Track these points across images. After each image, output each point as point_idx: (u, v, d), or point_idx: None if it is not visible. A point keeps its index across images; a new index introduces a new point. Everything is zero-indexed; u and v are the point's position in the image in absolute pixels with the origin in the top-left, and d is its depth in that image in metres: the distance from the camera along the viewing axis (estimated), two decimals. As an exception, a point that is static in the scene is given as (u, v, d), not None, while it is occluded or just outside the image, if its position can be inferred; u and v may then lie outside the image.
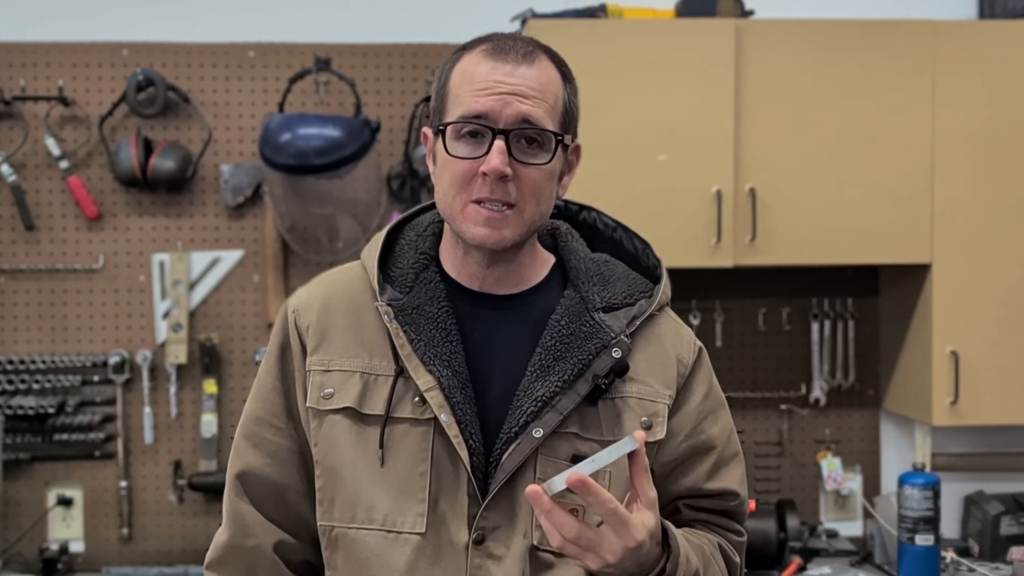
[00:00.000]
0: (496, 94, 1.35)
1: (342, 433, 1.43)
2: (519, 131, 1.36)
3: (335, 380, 1.44)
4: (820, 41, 2.89)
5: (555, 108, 1.39)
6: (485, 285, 1.46)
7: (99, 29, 3.15)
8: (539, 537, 1.39)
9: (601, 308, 1.45)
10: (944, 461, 3.24)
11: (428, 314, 1.42)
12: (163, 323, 3.16)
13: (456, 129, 1.37)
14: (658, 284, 1.51)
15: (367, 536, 1.40)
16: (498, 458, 1.38)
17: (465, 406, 1.39)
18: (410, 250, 1.49)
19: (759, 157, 2.87)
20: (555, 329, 1.43)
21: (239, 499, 1.50)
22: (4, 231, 3.14)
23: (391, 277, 1.46)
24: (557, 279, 1.50)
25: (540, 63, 1.38)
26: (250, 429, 1.50)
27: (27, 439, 3.13)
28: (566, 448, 1.40)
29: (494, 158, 1.34)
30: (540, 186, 1.39)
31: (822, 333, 3.27)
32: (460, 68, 1.39)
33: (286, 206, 3.10)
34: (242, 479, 1.50)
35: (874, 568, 3.05)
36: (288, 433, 1.48)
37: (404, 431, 1.40)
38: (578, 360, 1.40)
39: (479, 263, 1.44)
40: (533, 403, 1.39)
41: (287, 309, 1.51)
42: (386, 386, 1.41)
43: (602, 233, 1.58)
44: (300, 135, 2.96)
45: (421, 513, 1.39)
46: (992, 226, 2.92)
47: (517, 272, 1.47)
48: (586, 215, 1.59)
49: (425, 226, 1.52)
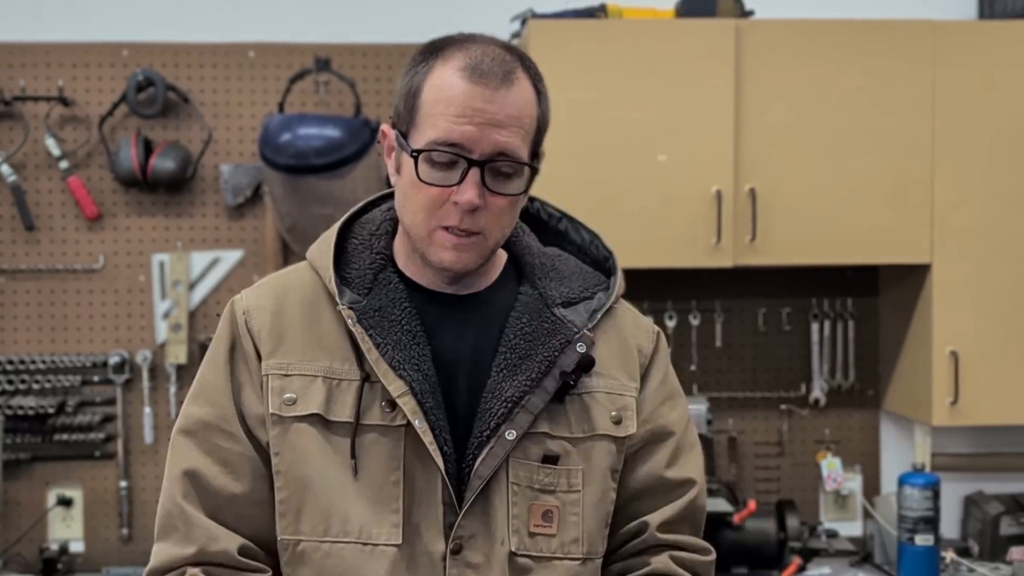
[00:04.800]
0: (473, 124, 1.30)
1: (309, 441, 1.36)
2: (493, 163, 1.32)
3: (296, 385, 1.37)
4: (820, 41, 2.88)
5: (530, 132, 1.35)
6: (443, 286, 1.43)
7: (99, 29, 3.15)
8: (516, 543, 1.36)
9: (560, 303, 1.43)
10: (944, 461, 3.24)
11: (392, 317, 1.37)
12: (163, 323, 3.16)
13: (430, 155, 1.32)
14: (613, 276, 1.49)
15: (343, 549, 1.35)
16: (471, 464, 1.35)
17: (437, 411, 1.35)
18: (364, 250, 1.43)
19: (759, 157, 2.86)
20: (517, 327, 1.40)
21: (186, 503, 1.37)
22: (4, 231, 3.14)
23: (347, 279, 1.40)
24: (512, 275, 1.47)
25: (518, 84, 1.33)
26: (198, 435, 1.39)
27: (27, 439, 3.13)
28: (536, 449, 1.37)
29: (467, 191, 1.30)
30: (507, 212, 1.36)
31: (822, 333, 3.27)
32: (434, 83, 1.33)
33: (286, 206, 3.10)
34: (191, 479, 1.37)
35: (874, 568, 3.05)
36: (241, 439, 1.39)
37: (374, 439, 1.35)
38: (544, 357, 1.37)
39: (438, 275, 1.41)
40: (503, 404, 1.35)
41: (235, 310, 1.44)
42: (351, 392, 1.36)
43: (547, 224, 1.55)
44: (300, 135, 2.96)
45: (396, 524, 1.34)
46: (992, 226, 2.92)
47: (474, 274, 1.43)
48: (530, 206, 1.54)
49: (378, 224, 1.46)
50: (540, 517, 1.37)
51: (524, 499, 1.37)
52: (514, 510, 1.36)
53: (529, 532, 1.37)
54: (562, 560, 1.38)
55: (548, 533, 1.38)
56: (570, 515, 1.39)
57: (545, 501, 1.37)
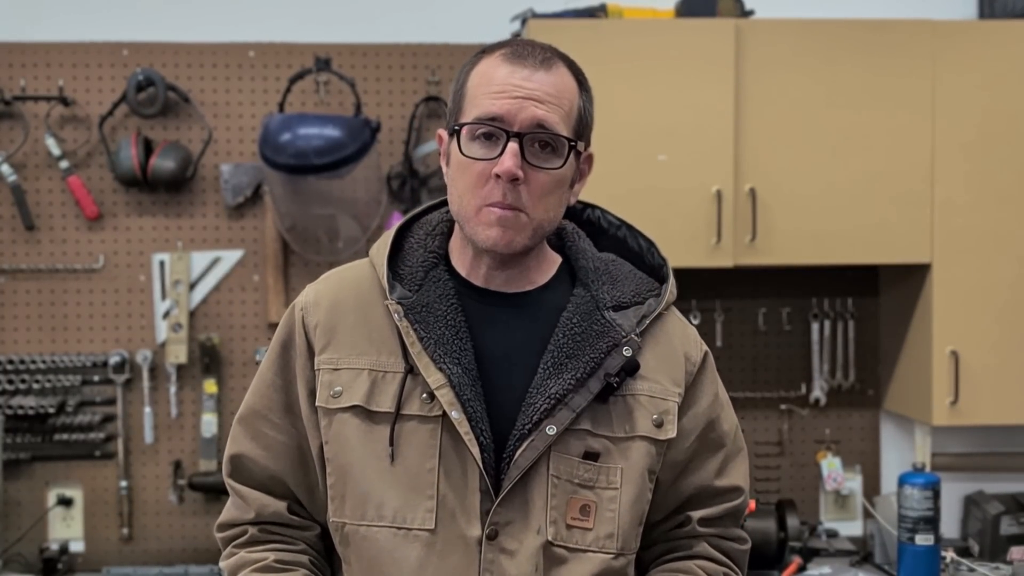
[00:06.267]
0: (512, 97, 1.37)
1: (351, 431, 1.44)
2: (533, 135, 1.38)
3: (344, 378, 1.45)
4: (820, 41, 2.89)
5: (570, 114, 1.41)
6: (494, 284, 1.48)
7: (99, 29, 3.15)
8: (553, 533, 1.40)
9: (611, 307, 1.47)
10: (944, 461, 3.24)
11: (437, 312, 1.43)
12: (163, 323, 3.16)
13: (471, 130, 1.39)
14: (665, 283, 1.53)
15: (378, 533, 1.42)
16: (511, 454, 1.40)
17: (475, 403, 1.40)
18: (419, 248, 1.50)
19: (759, 157, 2.87)
20: (567, 327, 1.44)
21: (233, 480, 1.53)
22: (4, 231, 3.15)
23: (400, 275, 1.47)
24: (565, 278, 1.51)
25: (557, 70, 1.41)
26: (248, 421, 1.52)
27: (27, 439, 3.13)
28: (578, 445, 1.42)
29: (507, 160, 1.36)
30: (549, 191, 1.41)
31: (822, 333, 3.27)
32: (478, 71, 1.42)
33: (286, 206, 3.10)
34: (236, 461, 1.52)
35: (874, 568, 3.05)
36: (284, 429, 1.50)
37: (412, 428, 1.42)
38: (590, 358, 1.42)
39: (489, 265, 1.47)
40: (547, 400, 1.40)
41: (295, 307, 1.52)
42: (395, 383, 1.43)
43: (606, 231, 1.59)
44: (300, 135, 2.96)
45: (430, 509, 1.40)
46: (992, 226, 2.92)
47: (526, 272, 1.49)
48: (590, 213, 1.60)
49: (434, 224, 1.53)
50: (578, 511, 1.42)
51: (564, 492, 1.42)
52: (552, 501, 1.41)
53: (567, 524, 1.42)
54: (596, 553, 1.43)
55: (584, 527, 1.42)
56: (607, 511, 1.44)
57: (584, 496, 1.42)
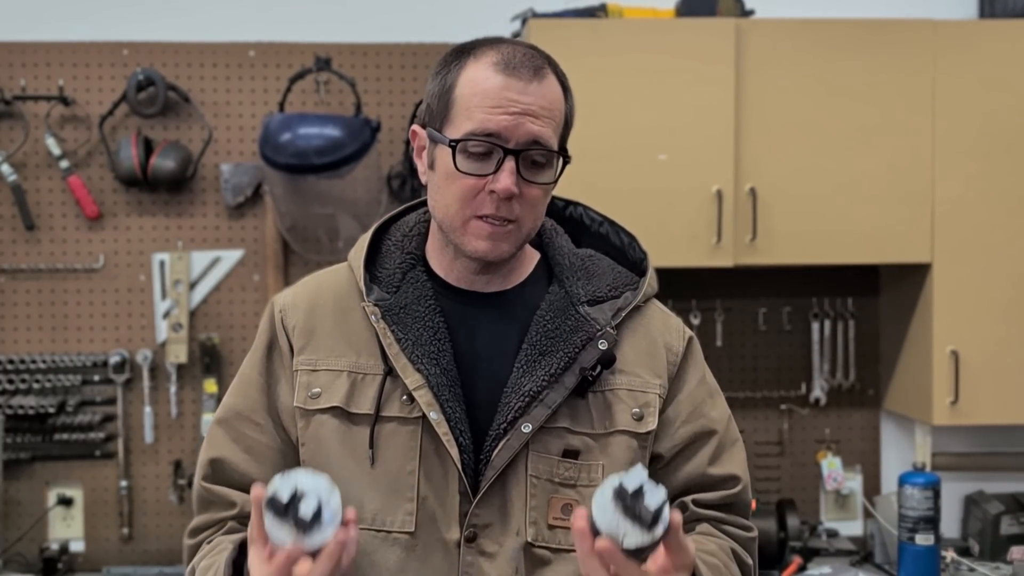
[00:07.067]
0: (509, 113, 1.36)
1: (330, 433, 1.43)
2: (528, 152, 1.37)
3: (322, 380, 1.44)
4: (820, 41, 2.89)
5: (559, 125, 1.41)
6: (472, 284, 1.47)
7: (99, 29, 3.15)
8: (533, 534, 1.39)
9: (586, 301, 1.46)
10: (944, 461, 3.24)
11: (415, 313, 1.42)
12: (163, 323, 3.17)
13: (466, 145, 1.37)
14: (644, 276, 1.52)
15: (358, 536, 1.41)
16: (488, 455, 1.39)
17: (454, 404, 1.39)
18: (396, 250, 1.49)
19: (759, 157, 2.87)
20: (540, 324, 1.44)
21: (207, 483, 1.47)
22: (4, 231, 3.15)
23: (378, 277, 1.47)
24: (542, 275, 1.51)
25: (548, 79, 1.39)
26: (229, 423, 1.48)
27: (27, 439, 3.13)
28: (557, 444, 1.41)
29: (505, 179, 1.35)
30: (540, 202, 1.41)
31: (822, 333, 3.27)
32: (469, 77, 1.38)
33: (286, 206, 3.10)
34: (215, 465, 1.47)
35: (874, 568, 3.05)
36: (267, 430, 1.47)
37: (392, 430, 1.40)
38: (564, 354, 1.41)
39: (471, 269, 1.46)
40: (521, 398, 1.39)
41: (274, 308, 1.51)
42: (374, 385, 1.42)
43: (588, 228, 1.59)
44: (300, 135, 2.96)
45: (410, 512, 1.39)
46: (992, 226, 2.92)
47: (504, 271, 1.48)
48: (572, 210, 1.60)
49: (411, 226, 1.52)
50: (559, 510, 1.41)
51: (544, 492, 1.40)
52: (532, 502, 1.40)
53: (548, 524, 1.40)
54: None
55: (567, 526, 1.39)
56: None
57: (565, 495, 1.41)
